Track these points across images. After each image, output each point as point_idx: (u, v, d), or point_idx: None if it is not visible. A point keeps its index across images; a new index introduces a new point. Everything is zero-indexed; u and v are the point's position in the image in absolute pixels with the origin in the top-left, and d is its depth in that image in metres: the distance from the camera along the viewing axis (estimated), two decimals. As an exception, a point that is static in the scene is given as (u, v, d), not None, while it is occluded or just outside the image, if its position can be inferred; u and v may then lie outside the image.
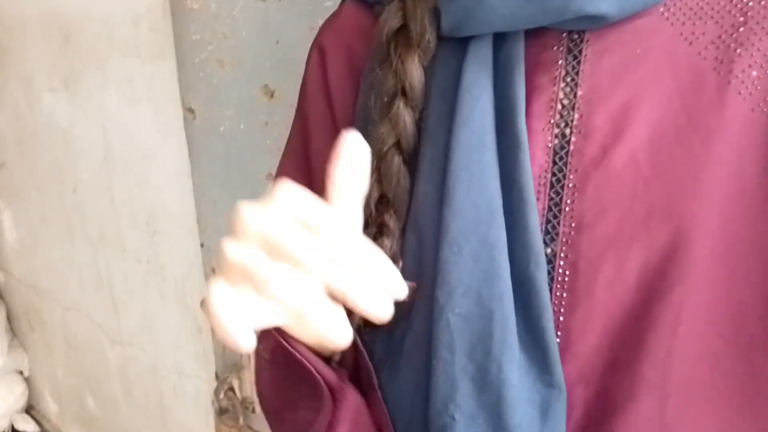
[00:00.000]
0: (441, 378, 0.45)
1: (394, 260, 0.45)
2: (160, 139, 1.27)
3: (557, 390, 0.44)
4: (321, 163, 0.51)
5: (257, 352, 0.47)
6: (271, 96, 1.01)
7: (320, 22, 0.89)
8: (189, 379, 1.50)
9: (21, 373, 2.24)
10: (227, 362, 1.24)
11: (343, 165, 0.41)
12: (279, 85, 1.00)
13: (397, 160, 0.48)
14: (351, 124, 0.52)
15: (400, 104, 0.48)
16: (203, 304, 0.39)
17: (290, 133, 0.62)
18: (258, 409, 1.17)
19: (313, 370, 0.44)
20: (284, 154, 0.63)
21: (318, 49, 0.57)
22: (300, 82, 0.93)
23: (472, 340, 0.44)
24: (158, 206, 1.36)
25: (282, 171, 0.61)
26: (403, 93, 0.48)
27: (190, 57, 1.11)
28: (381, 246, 0.46)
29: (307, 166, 0.58)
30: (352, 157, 0.41)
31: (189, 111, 1.15)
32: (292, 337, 0.43)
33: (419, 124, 0.49)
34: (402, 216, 0.48)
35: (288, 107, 0.99)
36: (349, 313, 0.42)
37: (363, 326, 0.48)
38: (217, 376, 1.25)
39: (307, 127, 0.58)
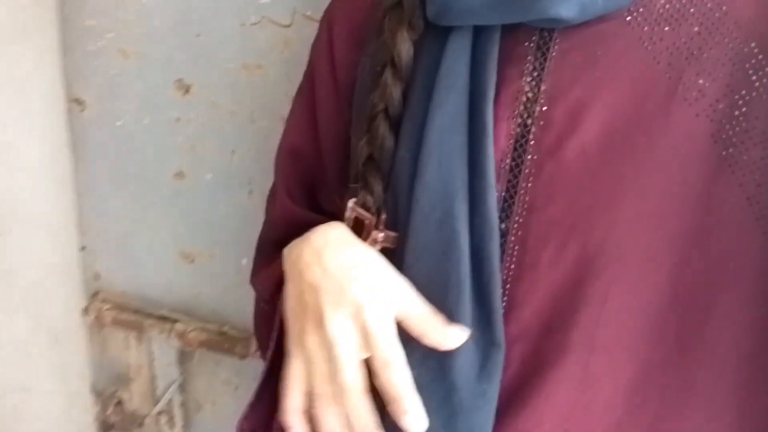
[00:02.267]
0: None
1: (377, 213, 0.53)
2: (15, 130, 1.14)
3: (497, 346, 0.50)
4: (326, 122, 0.62)
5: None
6: (186, 91, 0.96)
7: (253, 19, 0.89)
8: (39, 397, 1.35)
9: None
10: (108, 374, 1.15)
11: None
12: (197, 80, 0.96)
13: (383, 125, 0.54)
14: (353, 88, 0.58)
15: (388, 74, 0.53)
16: None
17: (296, 95, 0.68)
18: (147, 421, 1.11)
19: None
20: (291, 112, 0.68)
21: (327, 21, 0.63)
22: (221, 79, 0.92)
23: (430, 295, 0.50)
24: (7, 204, 1.22)
25: (288, 134, 0.68)
26: (393, 64, 0.53)
27: (82, 44, 1.02)
28: (364, 200, 0.54)
29: (311, 125, 0.64)
30: None
31: (75, 102, 1.05)
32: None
33: (406, 93, 0.54)
34: (385, 174, 0.54)
35: (208, 104, 0.95)
36: None
37: None
38: (95, 391, 1.15)
39: (312, 91, 0.64)
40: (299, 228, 0.58)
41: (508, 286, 0.51)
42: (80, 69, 1.03)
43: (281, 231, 0.65)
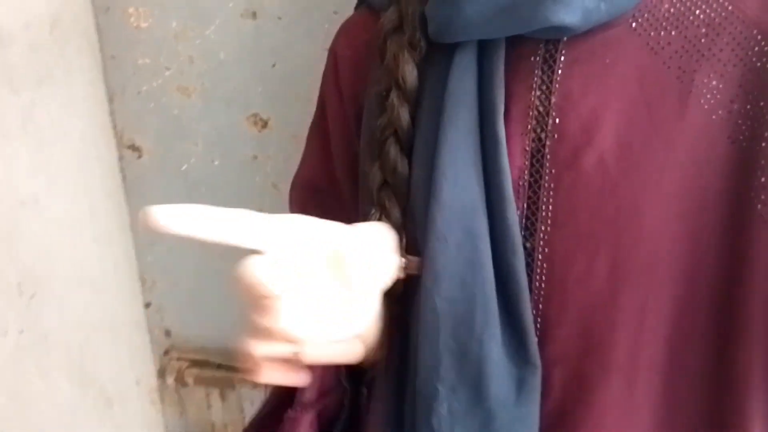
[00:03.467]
0: (426, 354, 0.49)
1: (400, 231, 0.51)
2: (57, 182, 1.04)
3: (532, 365, 0.49)
4: (339, 150, 0.61)
5: None
6: (264, 126, 0.89)
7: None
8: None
9: None
10: (187, 435, 1.07)
11: None
12: (274, 113, 0.88)
13: (394, 149, 0.52)
14: (360, 115, 0.57)
15: (394, 96, 0.52)
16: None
17: (310, 129, 0.67)
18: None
19: None
20: (306, 146, 0.67)
21: (332, 53, 0.62)
22: (302, 111, 0.85)
23: (455, 320, 0.48)
24: (59, 264, 1.12)
25: (302, 167, 0.68)
26: (398, 86, 0.52)
27: (134, 84, 0.93)
28: None
29: (326, 156, 0.63)
30: None
31: (130, 148, 0.96)
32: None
33: (414, 115, 0.52)
34: (402, 199, 0.52)
35: (288, 138, 0.88)
36: None
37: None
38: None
39: (324, 122, 0.63)
40: None
41: (540, 306, 0.50)
42: (133, 112, 0.94)
43: None
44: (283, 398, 0.57)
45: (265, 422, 0.60)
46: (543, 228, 0.49)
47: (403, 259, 0.51)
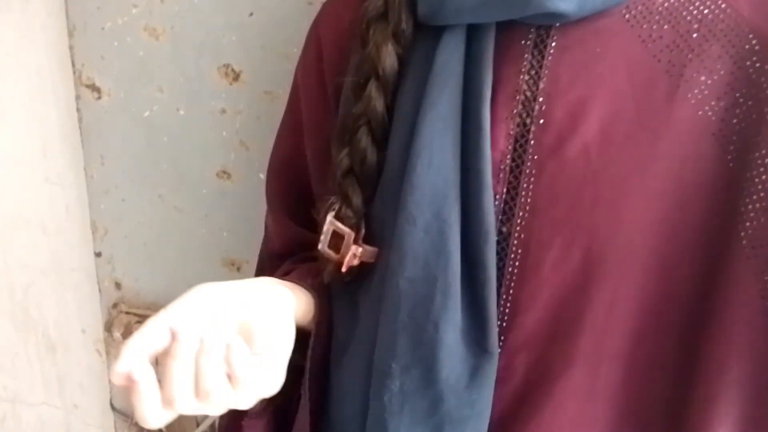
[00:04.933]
0: (384, 331, 0.50)
1: (356, 229, 0.52)
2: (9, 118, 0.97)
3: (489, 354, 0.49)
4: (311, 134, 0.61)
5: None
6: (236, 78, 0.83)
7: None
8: (29, 408, 1.22)
9: None
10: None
11: None
12: (247, 66, 0.82)
13: (365, 139, 0.52)
14: (339, 99, 0.56)
15: (372, 87, 0.52)
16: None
17: (286, 109, 0.66)
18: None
19: None
20: (281, 126, 0.67)
21: (315, 27, 0.62)
22: (278, 65, 0.80)
23: (415, 301, 0.49)
24: (9, 205, 1.05)
25: (278, 147, 0.68)
26: (377, 77, 0.52)
27: (97, 20, 0.86)
28: (343, 215, 0.53)
29: (299, 136, 0.62)
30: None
31: (90, 88, 0.89)
32: None
33: (390, 106, 0.52)
34: (367, 188, 0.53)
35: (261, 93, 0.82)
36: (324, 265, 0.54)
37: (329, 283, 0.55)
38: (115, 409, 1.03)
39: (298, 103, 0.63)
40: (296, 243, 0.63)
41: (511, 291, 0.50)
42: (95, 49, 0.88)
43: (280, 245, 0.67)
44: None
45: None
46: (521, 213, 0.49)
47: (359, 248, 0.51)
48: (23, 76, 0.89)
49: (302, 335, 0.54)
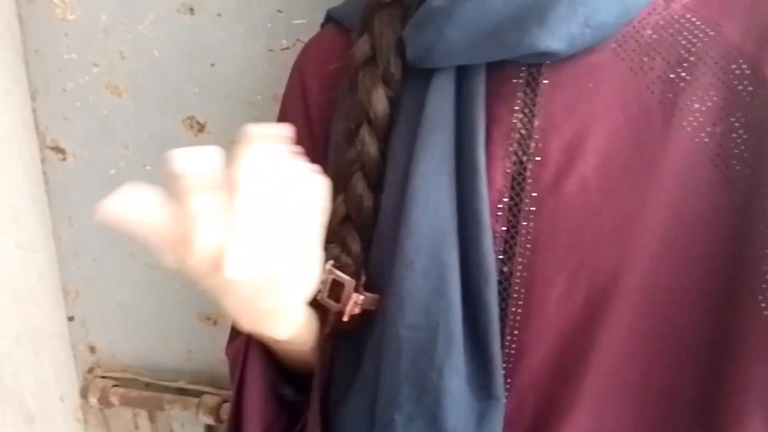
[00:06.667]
0: (386, 381, 0.49)
1: (356, 276, 0.50)
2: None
3: (495, 399, 0.48)
4: None
5: None
6: (200, 130, 0.82)
7: (284, 44, 0.77)
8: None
9: None
10: None
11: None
12: (211, 117, 0.82)
13: (361, 184, 0.51)
14: (327, 141, 0.56)
15: (365, 132, 0.51)
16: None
17: None
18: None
19: None
20: None
21: (299, 70, 0.60)
22: (244, 114, 0.79)
23: (417, 348, 0.47)
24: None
25: None
26: (369, 121, 0.51)
27: (58, 82, 0.86)
28: (343, 263, 0.51)
29: None
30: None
31: (55, 150, 0.89)
32: None
33: (384, 150, 0.51)
34: (365, 235, 0.51)
35: (226, 143, 0.81)
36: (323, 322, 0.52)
37: (331, 332, 0.53)
38: None
39: None
40: None
41: (516, 331, 0.49)
42: (58, 111, 0.87)
43: None
44: None
45: None
46: (522, 252, 0.48)
47: (361, 296, 0.50)
48: (-12, 142, 0.89)
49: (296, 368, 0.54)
